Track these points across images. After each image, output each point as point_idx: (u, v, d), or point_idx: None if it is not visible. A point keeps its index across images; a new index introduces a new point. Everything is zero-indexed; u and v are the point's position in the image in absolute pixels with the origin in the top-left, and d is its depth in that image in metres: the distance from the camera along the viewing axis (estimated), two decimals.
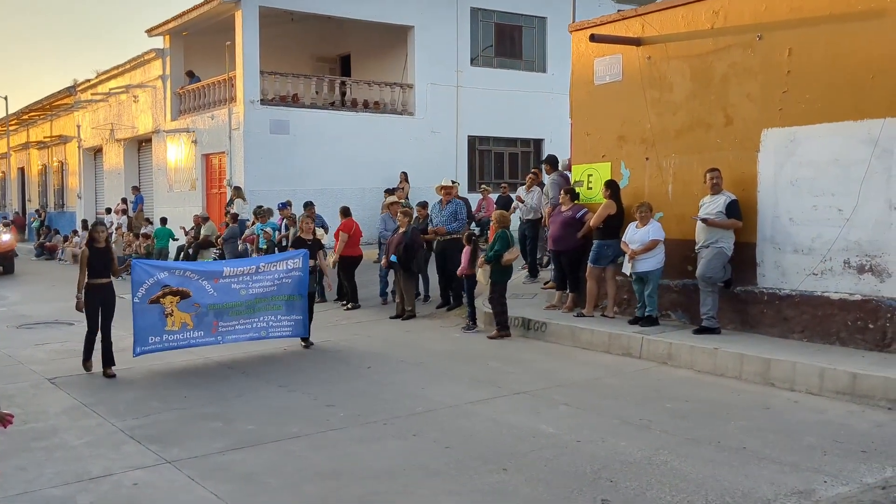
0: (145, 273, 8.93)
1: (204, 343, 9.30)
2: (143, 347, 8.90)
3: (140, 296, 8.83)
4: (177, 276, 9.10)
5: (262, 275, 9.59)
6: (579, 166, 11.47)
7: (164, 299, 8.91)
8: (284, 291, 9.76)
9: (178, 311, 8.97)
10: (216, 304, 9.24)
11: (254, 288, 9.50)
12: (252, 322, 9.57)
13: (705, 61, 9.70)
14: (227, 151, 20.96)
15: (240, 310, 9.44)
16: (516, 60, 24.92)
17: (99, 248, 8.90)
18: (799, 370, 7.72)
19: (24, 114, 36.70)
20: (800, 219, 8.79)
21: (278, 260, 10.05)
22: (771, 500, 5.02)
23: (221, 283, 9.28)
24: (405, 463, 5.89)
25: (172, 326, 8.98)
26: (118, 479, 5.66)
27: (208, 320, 9.23)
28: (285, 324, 9.87)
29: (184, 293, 9.00)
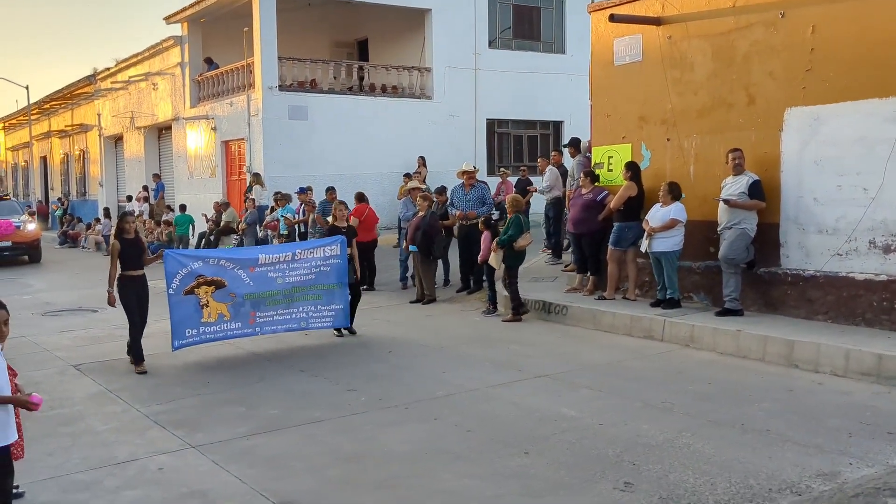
0: (178, 263, 8.58)
1: (242, 334, 8.98)
2: (180, 341, 8.60)
3: (174, 287, 8.49)
4: (211, 265, 8.74)
5: (298, 263, 9.23)
6: (599, 148, 11.38)
7: (199, 290, 8.58)
8: (323, 280, 9.41)
9: (213, 302, 8.65)
10: (253, 293, 8.89)
11: (291, 276, 9.15)
12: (290, 312, 9.23)
13: (727, 40, 9.57)
14: (246, 138, 21.02)
15: (277, 299, 9.08)
16: (535, 42, 24.75)
17: (129, 238, 8.59)
18: (823, 352, 7.65)
19: (46, 103, 36.99)
20: (824, 199, 8.68)
21: (315, 247, 9.62)
22: (796, 483, 4.99)
23: (257, 272, 8.92)
24: (427, 447, 5.90)
25: (209, 318, 8.68)
26: (144, 464, 5.72)
27: (245, 311, 8.89)
28: (325, 314, 9.50)
29: (219, 283, 8.67)
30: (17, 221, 21.50)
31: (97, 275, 18.83)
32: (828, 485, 4.95)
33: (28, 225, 21.92)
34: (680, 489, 4.95)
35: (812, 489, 4.89)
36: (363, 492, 5.13)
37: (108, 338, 10.52)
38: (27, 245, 21.56)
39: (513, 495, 4.97)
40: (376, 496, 5.05)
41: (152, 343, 9.29)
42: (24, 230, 21.41)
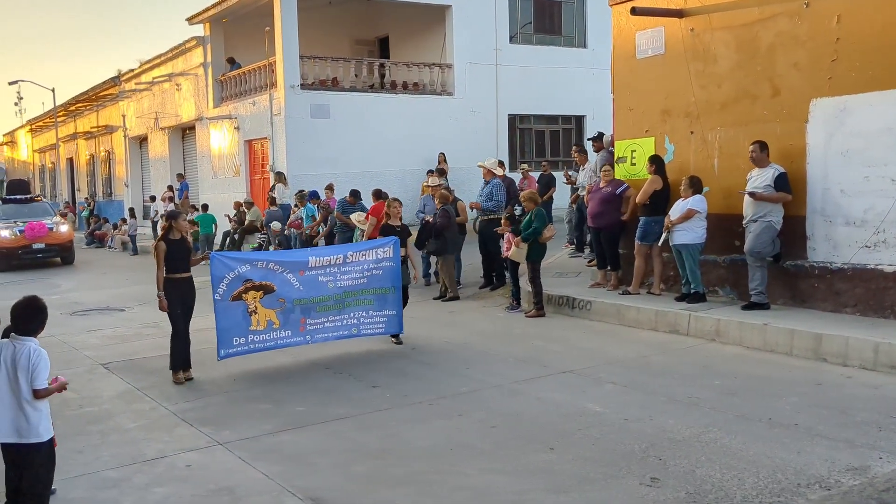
0: (225, 267, 8.06)
1: (292, 343, 8.44)
2: (227, 350, 8.09)
3: (221, 292, 8.00)
4: (259, 268, 8.20)
5: (350, 265, 8.69)
6: (622, 142, 11.32)
7: (247, 295, 8.05)
8: (375, 284, 8.86)
9: (262, 308, 8.14)
10: (303, 298, 8.37)
11: (342, 280, 8.63)
12: (342, 318, 8.71)
13: (751, 31, 9.47)
14: (268, 137, 21.13)
15: (328, 305, 8.56)
16: (556, 37, 24.65)
17: (174, 239, 8.04)
18: (852, 345, 7.56)
19: (72, 105, 37.42)
20: (851, 190, 8.57)
21: (367, 248, 9.04)
22: (825, 478, 4.94)
23: (308, 276, 8.40)
24: (451, 442, 5.91)
25: (257, 326, 8.16)
26: (172, 461, 5.77)
27: (295, 317, 8.39)
28: (377, 320, 8.96)
29: (267, 287, 8.15)
30: (50, 223, 21.45)
31: (124, 274, 19.06)
32: (857, 479, 4.90)
33: (61, 226, 21.74)
34: (707, 484, 4.91)
35: (841, 484, 4.84)
36: (388, 488, 5.15)
37: (136, 336, 10.64)
38: (60, 246, 21.42)
39: (538, 491, 4.97)
40: (401, 492, 5.07)
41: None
42: (57, 231, 21.31)
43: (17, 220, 21.35)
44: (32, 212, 22.21)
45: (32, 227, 20.80)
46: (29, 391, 4.50)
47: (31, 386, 4.50)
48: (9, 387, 4.49)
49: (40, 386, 4.53)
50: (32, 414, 4.52)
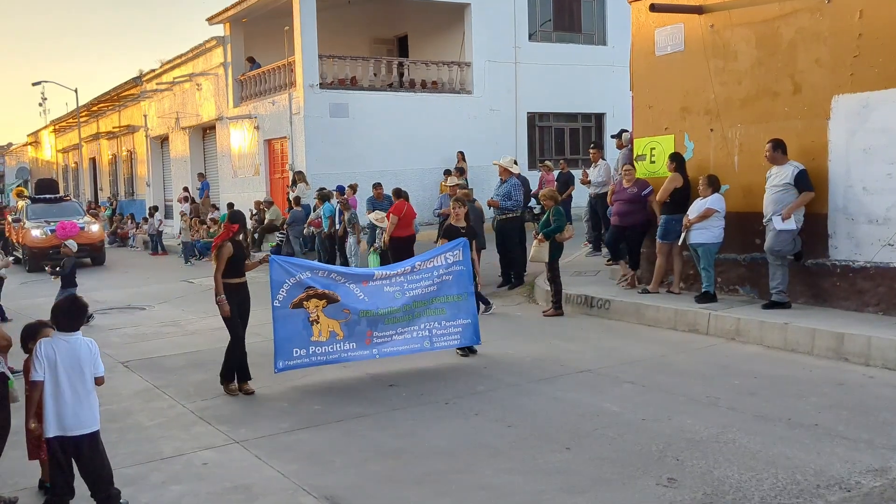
0: (285, 272, 7.52)
1: (358, 357, 7.84)
2: (286, 361, 7.51)
3: (280, 299, 7.46)
4: (321, 277, 7.70)
5: (418, 274, 8.11)
6: (641, 139, 11.24)
7: (309, 303, 7.52)
8: (447, 291, 8.22)
9: (324, 318, 7.57)
10: (368, 310, 7.77)
11: (411, 290, 8.02)
12: (412, 330, 8.05)
13: (771, 27, 9.37)
14: (288, 136, 21.21)
15: (397, 317, 7.93)
16: (575, 34, 24.55)
17: (238, 241, 7.62)
18: (874, 344, 7.46)
19: (94, 105, 37.77)
20: (874, 188, 8.45)
21: (435, 255, 8.34)
22: (845, 479, 4.87)
23: (372, 287, 7.87)
24: (467, 442, 5.90)
25: (319, 336, 7.58)
26: (189, 459, 5.81)
27: (361, 329, 7.78)
28: (451, 330, 8.26)
29: (331, 297, 7.60)
30: (82, 222, 20.65)
31: (146, 273, 19.23)
32: (878, 481, 4.83)
33: (92, 226, 21.39)
34: (725, 485, 4.86)
35: (862, 485, 4.78)
36: (405, 487, 5.14)
37: (156, 335, 10.71)
38: (91, 246, 20.84)
39: (555, 491, 4.94)
40: (418, 491, 5.06)
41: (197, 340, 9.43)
42: (89, 231, 20.81)
43: (47, 219, 20.90)
44: (62, 211, 21.83)
45: (64, 227, 20.31)
46: (92, 381, 4.81)
47: (94, 374, 4.81)
48: (69, 382, 4.71)
49: (101, 373, 4.87)
50: (93, 402, 4.83)
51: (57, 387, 4.69)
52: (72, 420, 4.71)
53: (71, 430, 4.71)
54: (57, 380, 4.69)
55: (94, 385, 4.84)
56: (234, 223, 7.63)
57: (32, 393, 4.76)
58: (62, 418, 4.69)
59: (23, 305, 13.40)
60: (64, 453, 4.72)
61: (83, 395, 4.77)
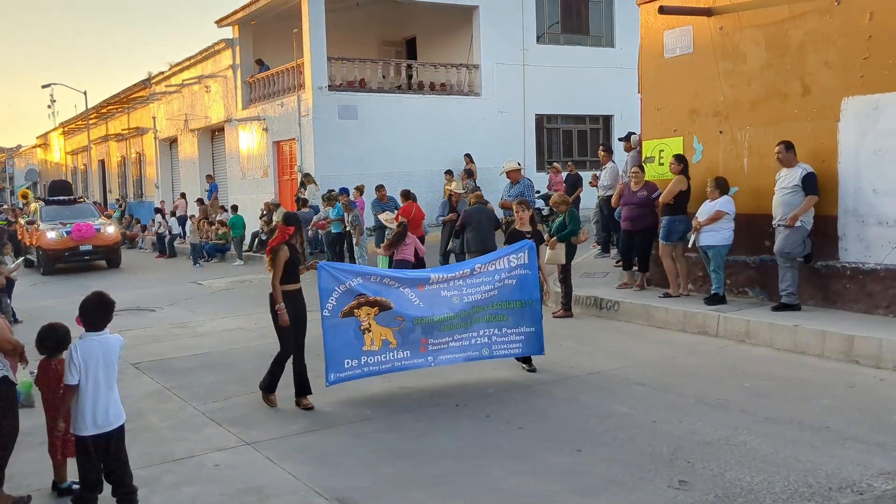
0: (334, 279, 7.08)
1: (411, 366, 7.40)
2: (337, 374, 7.10)
3: (330, 308, 7.04)
4: (373, 282, 7.24)
5: (478, 277, 7.59)
6: (650, 142, 11.25)
7: (360, 311, 7.12)
8: (508, 296, 7.69)
9: (376, 326, 7.18)
10: (423, 316, 7.32)
11: (469, 294, 7.52)
12: (469, 337, 7.58)
13: (780, 29, 9.37)
14: (297, 138, 21.25)
15: (453, 323, 7.45)
16: (583, 36, 24.55)
17: (293, 245, 7.14)
18: (885, 346, 7.45)
19: (103, 107, 37.93)
20: (884, 190, 8.44)
21: (497, 257, 7.83)
22: (857, 482, 4.87)
23: (428, 291, 7.40)
24: (478, 443, 5.91)
25: (371, 345, 7.18)
26: (200, 461, 5.83)
27: (415, 337, 7.33)
28: (513, 339, 7.74)
29: (383, 304, 7.17)
30: (97, 224, 20.91)
31: (155, 274, 19.30)
32: (890, 484, 4.82)
33: (107, 227, 21.20)
34: (736, 488, 4.87)
35: (874, 488, 4.77)
36: (416, 489, 5.16)
37: (166, 336, 10.75)
38: (107, 248, 20.84)
39: (565, 493, 4.95)
40: (429, 493, 5.07)
41: (206, 342, 9.43)
42: (105, 233, 20.78)
43: (62, 221, 20.76)
44: (76, 213, 21.64)
45: (80, 228, 20.19)
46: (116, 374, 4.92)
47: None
48: (105, 381, 4.82)
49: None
50: (117, 394, 4.94)
51: (95, 388, 4.76)
52: (106, 416, 4.80)
53: (105, 426, 4.80)
54: (95, 381, 4.76)
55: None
56: (289, 225, 7.15)
57: (66, 396, 4.82)
58: (98, 416, 4.77)
59: (34, 307, 13.46)
60: (95, 449, 4.80)
61: (115, 389, 4.90)
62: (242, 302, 13.65)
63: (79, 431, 4.79)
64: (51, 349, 5.25)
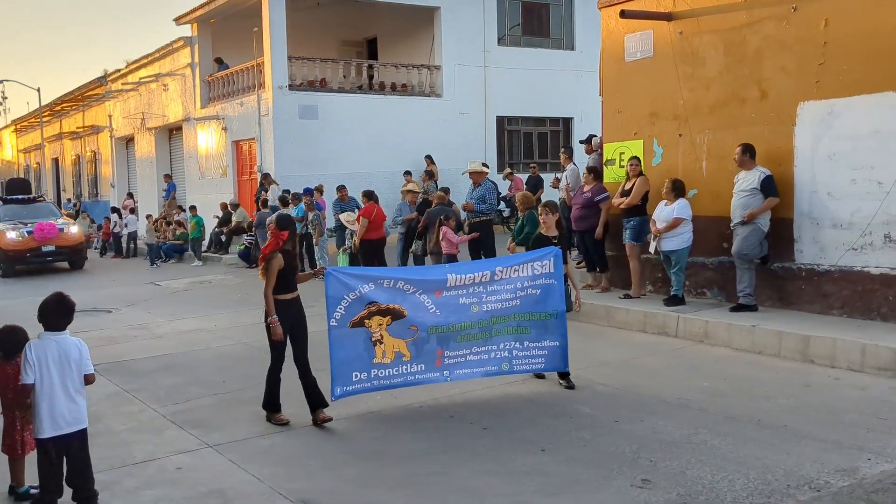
0: (343, 286, 6.61)
1: (425, 380, 6.95)
2: (344, 387, 6.68)
3: (338, 318, 6.60)
4: (385, 287, 6.73)
5: (499, 284, 7.06)
6: (611, 144, 11.36)
7: (371, 320, 6.65)
8: (531, 307, 7.19)
9: (388, 337, 6.72)
10: (440, 325, 6.86)
11: (489, 302, 7.03)
12: (489, 350, 7.11)
13: (739, 35, 9.53)
14: (256, 137, 21.07)
15: (472, 333, 7.00)
16: (544, 39, 24.71)
17: (288, 251, 6.63)
18: (840, 346, 7.62)
19: (57, 105, 37.16)
20: (838, 193, 8.64)
21: (520, 262, 7.26)
22: (814, 479, 4.97)
23: (446, 297, 6.89)
24: (443, 444, 5.92)
25: (383, 358, 6.74)
26: (162, 464, 5.75)
27: (430, 348, 6.88)
28: (535, 353, 7.28)
29: (396, 312, 6.71)
30: (60, 223, 20.07)
31: (111, 275, 18.97)
32: (846, 480, 4.94)
33: (71, 227, 20.33)
34: (698, 486, 4.94)
35: (831, 485, 4.88)
36: (381, 491, 5.15)
37: (124, 338, 10.58)
38: (70, 249, 19.95)
39: (531, 493, 4.98)
40: (394, 495, 5.07)
41: (166, 344, 9.27)
42: (68, 233, 19.95)
43: (21, 221, 19.85)
44: (36, 212, 20.67)
45: (42, 228, 19.34)
46: (81, 380, 4.88)
47: (83, 373, 4.89)
48: (60, 382, 4.78)
49: (90, 371, 4.94)
50: (82, 401, 4.89)
51: (50, 387, 4.73)
52: (64, 418, 4.76)
53: (64, 428, 4.75)
54: (50, 381, 4.73)
55: (84, 383, 4.91)
56: (283, 230, 6.61)
57: (23, 395, 4.83)
58: (56, 418, 4.73)
59: None
60: (56, 452, 4.76)
61: (74, 393, 4.83)
62: (202, 303, 13.49)
63: (37, 433, 4.76)
64: (8, 351, 5.14)
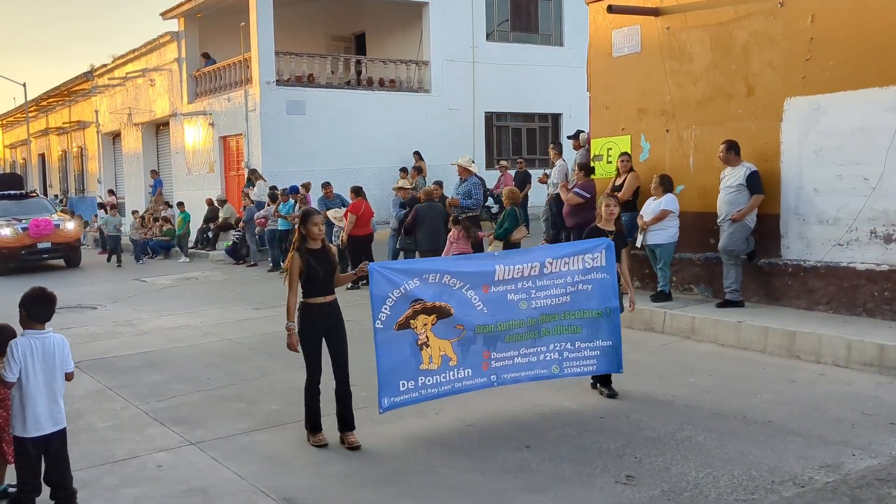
0: (388, 283, 5.95)
1: (473, 386, 6.32)
2: (392, 398, 5.99)
3: (383, 319, 5.93)
4: (431, 283, 6.08)
5: (548, 278, 6.46)
6: (598, 140, 11.34)
7: (416, 321, 6.00)
8: (583, 304, 6.61)
9: (434, 339, 6.08)
10: (487, 324, 6.25)
11: (539, 299, 6.43)
12: (538, 352, 6.52)
13: (726, 30, 9.52)
14: (244, 133, 20.97)
15: (520, 332, 6.40)
16: (532, 34, 24.70)
17: (315, 249, 5.97)
18: (825, 342, 7.62)
19: (43, 100, 36.89)
20: (824, 189, 8.64)
21: (570, 255, 6.63)
22: (798, 475, 4.96)
23: (493, 294, 6.28)
24: (427, 441, 5.88)
25: (430, 364, 6.08)
26: (143, 461, 5.70)
27: (476, 349, 6.25)
28: (587, 354, 6.68)
29: (442, 310, 6.08)
30: (56, 220, 19.52)
31: (96, 272, 18.83)
32: (831, 476, 4.93)
33: (67, 224, 19.75)
34: (682, 482, 4.92)
35: (815, 480, 4.87)
36: (364, 488, 5.11)
37: (108, 335, 10.50)
38: (66, 245, 19.49)
39: (514, 490, 4.95)
40: (378, 492, 5.03)
41: (150, 340, 9.22)
42: (64, 229, 19.38)
43: (16, 217, 19.27)
44: (29, 209, 20.02)
45: (37, 224, 18.84)
46: (62, 379, 4.82)
47: (65, 370, 4.83)
48: (44, 380, 4.73)
49: (71, 369, 4.90)
50: (61, 400, 4.84)
51: (35, 387, 4.68)
52: (46, 418, 4.71)
53: (45, 428, 4.71)
54: (36, 380, 4.69)
55: (65, 381, 4.87)
56: (302, 223, 5.99)
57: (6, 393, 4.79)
58: (39, 418, 4.69)
59: None
60: (36, 451, 4.71)
61: (56, 392, 4.79)
62: (188, 299, 13.41)
63: (16, 432, 4.70)
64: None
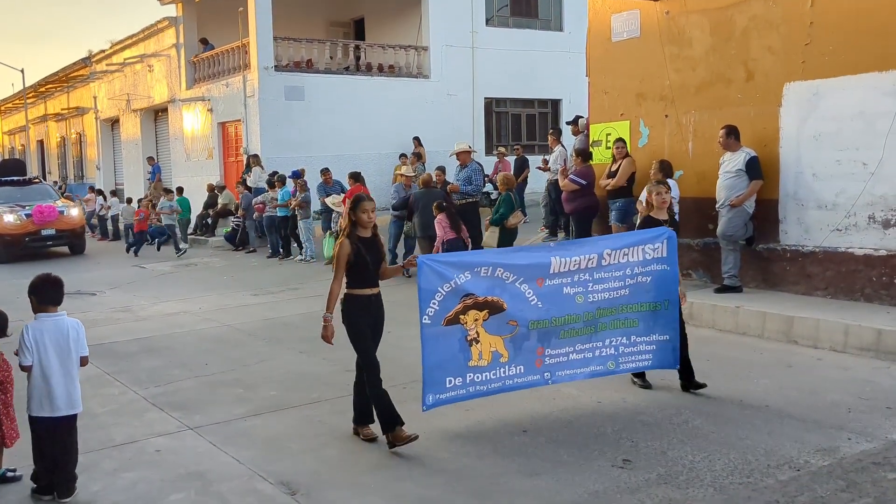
0: (438, 277, 5.64)
1: (525, 384, 6.03)
2: (437, 395, 5.74)
3: (431, 314, 5.63)
4: (484, 276, 5.77)
5: (606, 270, 6.12)
6: (597, 125, 11.32)
7: (466, 316, 5.71)
8: (641, 297, 6.28)
9: (485, 335, 5.80)
10: (542, 319, 5.95)
11: (595, 292, 6.11)
12: (594, 348, 6.20)
13: (725, 15, 9.48)
14: (242, 119, 20.90)
15: (575, 328, 6.08)
16: (532, 20, 24.60)
17: (366, 238, 5.68)
18: (822, 327, 7.63)
19: (41, 86, 36.75)
20: (823, 174, 8.62)
21: (629, 245, 6.26)
22: (794, 458, 4.98)
23: (549, 287, 5.96)
24: (425, 426, 5.87)
25: (479, 360, 5.80)
26: (141, 446, 5.71)
27: (529, 346, 5.96)
28: (643, 349, 6.38)
29: (494, 305, 5.78)
30: (60, 206, 19.14)
31: (95, 258, 18.83)
32: (826, 460, 4.95)
33: (71, 210, 19.45)
34: (678, 466, 4.94)
35: (811, 464, 4.89)
36: (362, 472, 5.13)
37: (107, 321, 10.51)
38: (71, 232, 19.17)
39: (512, 473, 4.97)
40: (375, 476, 5.05)
41: (149, 326, 9.21)
42: (68, 216, 19.06)
43: (20, 203, 18.94)
44: (32, 195, 19.67)
45: (41, 211, 18.52)
46: (78, 361, 4.87)
47: (80, 354, 4.88)
48: (59, 363, 4.77)
49: (85, 353, 4.94)
50: (77, 383, 4.87)
51: (48, 368, 4.72)
52: (63, 400, 4.76)
53: (60, 410, 4.75)
54: (49, 362, 4.72)
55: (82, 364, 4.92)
56: (353, 208, 5.73)
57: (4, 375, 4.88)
58: (53, 399, 4.73)
59: None
60: (47, 432, 4.77)
61: (74, 375, 4.83)
62: (186, 285, 13.42)
63: (30, 412, 4.77)
64: None
